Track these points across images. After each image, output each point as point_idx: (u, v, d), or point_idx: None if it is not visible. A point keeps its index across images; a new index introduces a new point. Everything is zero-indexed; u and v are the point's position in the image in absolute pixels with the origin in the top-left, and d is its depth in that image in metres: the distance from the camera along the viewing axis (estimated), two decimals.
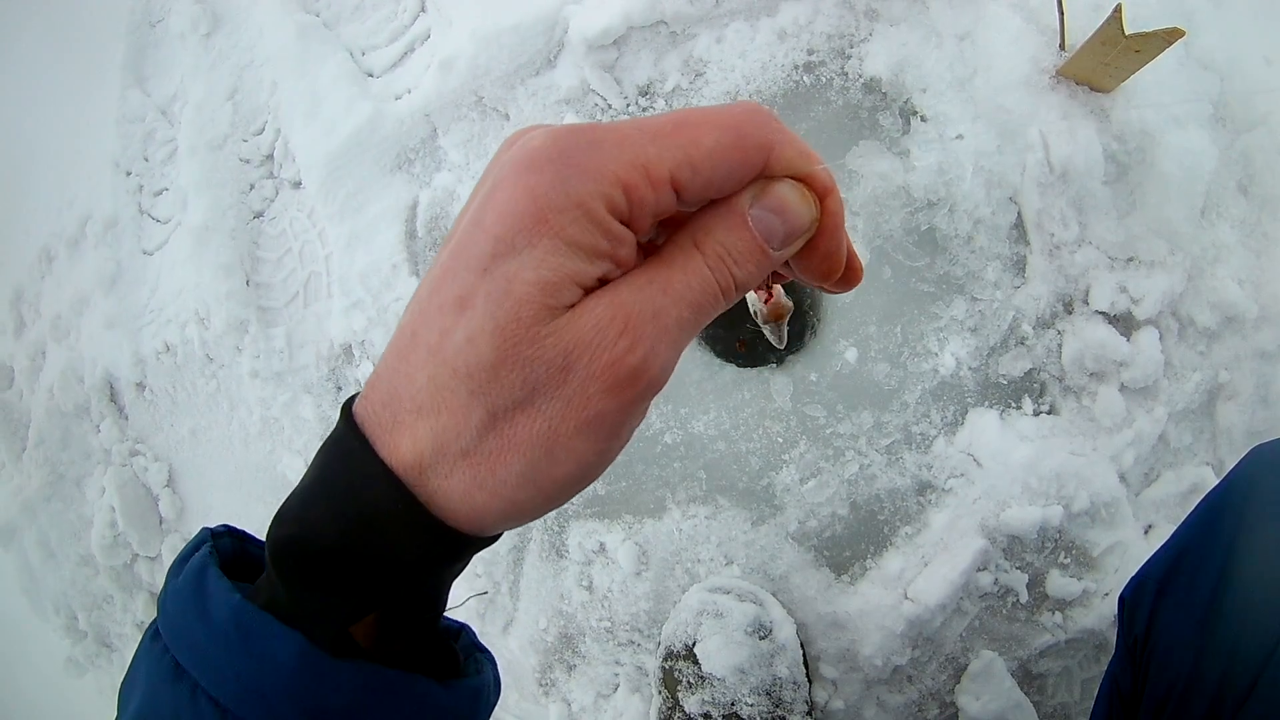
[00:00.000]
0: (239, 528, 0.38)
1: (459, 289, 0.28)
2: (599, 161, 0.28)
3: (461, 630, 0.42)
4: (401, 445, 0.29)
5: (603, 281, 0.29)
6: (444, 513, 0.30)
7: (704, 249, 0.30)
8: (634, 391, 0.28)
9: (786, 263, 0.33)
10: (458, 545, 0.31)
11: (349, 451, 0.30)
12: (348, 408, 0.32)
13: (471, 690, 0.36)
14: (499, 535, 0.33)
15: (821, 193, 0.32)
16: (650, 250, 0.31)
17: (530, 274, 0.27)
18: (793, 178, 0.31)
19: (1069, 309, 0.92)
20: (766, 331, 0.57)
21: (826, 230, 0.32)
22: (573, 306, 0.28)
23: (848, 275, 0.35)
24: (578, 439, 0.28)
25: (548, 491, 0.30)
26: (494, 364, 0.28)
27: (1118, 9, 0.72)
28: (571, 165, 0.27)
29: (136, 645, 0.35)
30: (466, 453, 0.29)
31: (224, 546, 0.37)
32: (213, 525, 0.38)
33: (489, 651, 0.42)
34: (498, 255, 0.28)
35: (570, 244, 0.27)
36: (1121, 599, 0.67)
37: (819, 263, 0.33)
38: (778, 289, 0.46)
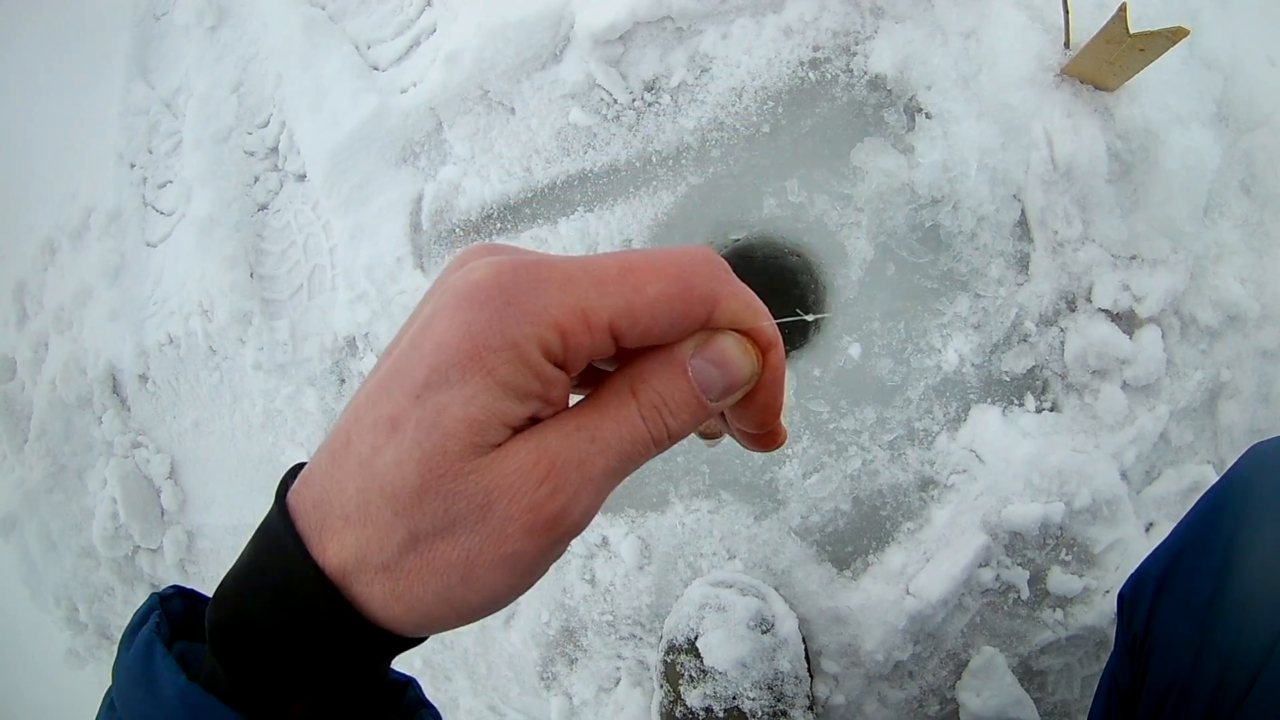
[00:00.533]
0: (188, 587, 0.38)
1: (392, 409, 0.29)
2: (539, 304, 0.28)
3: (408, 685, 0.42)
4: (329, 549, 0.30)
5: (533, 419, 0.30)
6: (367, 615, 0.30)
7: (640, 397, 0.30)
8: (552, 536, 0.29)
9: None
10: (382, 644, 0.31)
11: (283, 547, 0.31)
12: (283, 492, 0.32)
13: None
14: (422, 640, 0.34)
15: (765, 347, 0.32)
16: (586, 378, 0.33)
17: (459, 409, 0.28)
18: (738, 330, 0.31)
19: (1072, 306, 0.92)
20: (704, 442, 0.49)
21: (765, 385, 0.32)
22: (499, 445, 0.29)
23: (770, 435, 0.35)
24: (493, 572, 0.29)
25: (460, 612, 0.31)
26: (418, 490, 0.29)
27: (1122, 8, 0.73)
28: (511, 305, 0.28)
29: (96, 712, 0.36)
30: (387, 567, 0.30)
31: (174, 609, 0.37)
32: (162, 590, 0.39)
33: (433, 707, 0.43)
34: (430, 385, 0.28)
35: (501, 384, 0.28)
36: (1121, 596, 0.67)
37: (753, 414, 0.33)
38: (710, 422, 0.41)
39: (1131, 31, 0.74)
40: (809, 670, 0.91)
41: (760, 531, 0.95)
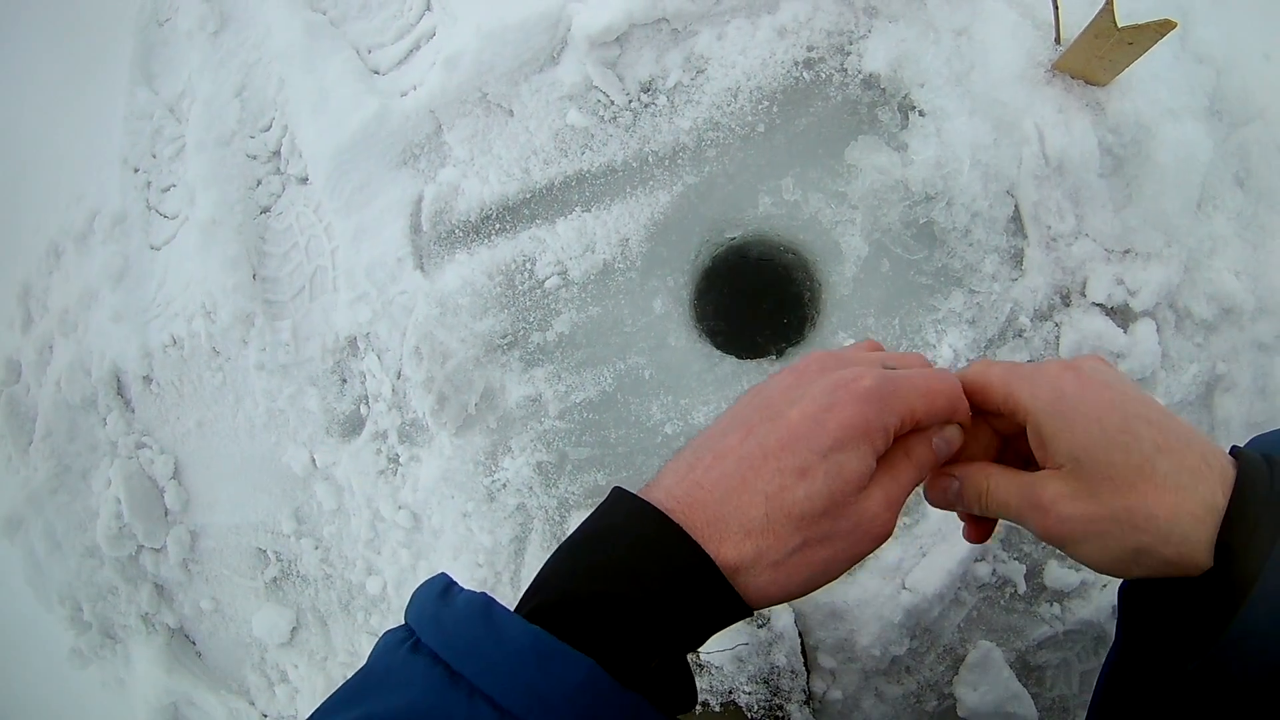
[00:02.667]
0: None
1: (800, 462, 0.45)
2: (901, 407, 0.47)
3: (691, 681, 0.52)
4: (724, 551, 0.44)
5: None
6: (743, 596, 0.44)
7: (911, 457, 0.50)
8: (881, 542, 0.48)
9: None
10: (738, 614, 0.45)
11: (684, 550, 0.44)
12: (659, 515, 0.45)
13: None
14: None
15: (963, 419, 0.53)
16: None
17: (855, 465, 0.45)
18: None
19: (1066, 301, 0.92)
20: None
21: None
22: (863, 488, 0.46)
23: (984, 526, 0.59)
24: (841, 565, 0.47)
25: (810, 588, 0.46)
26: (821, 514, 0.45)
27: (1109, 1, 0.73)
28: (885, 405, 0.47)
29: (372, 653, 0.43)
30: (777, 564, 0.44)
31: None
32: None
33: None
34: (834, 449, 0.45)
35: (874, 451, 0.46)
36: (1121, 590, 0.67)
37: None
38: None
39: (1120, 25, 0.75)
40: (805, 665, 0.91)
41: None
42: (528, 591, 0.45)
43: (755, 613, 0.48)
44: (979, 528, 0.57)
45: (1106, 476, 0.46)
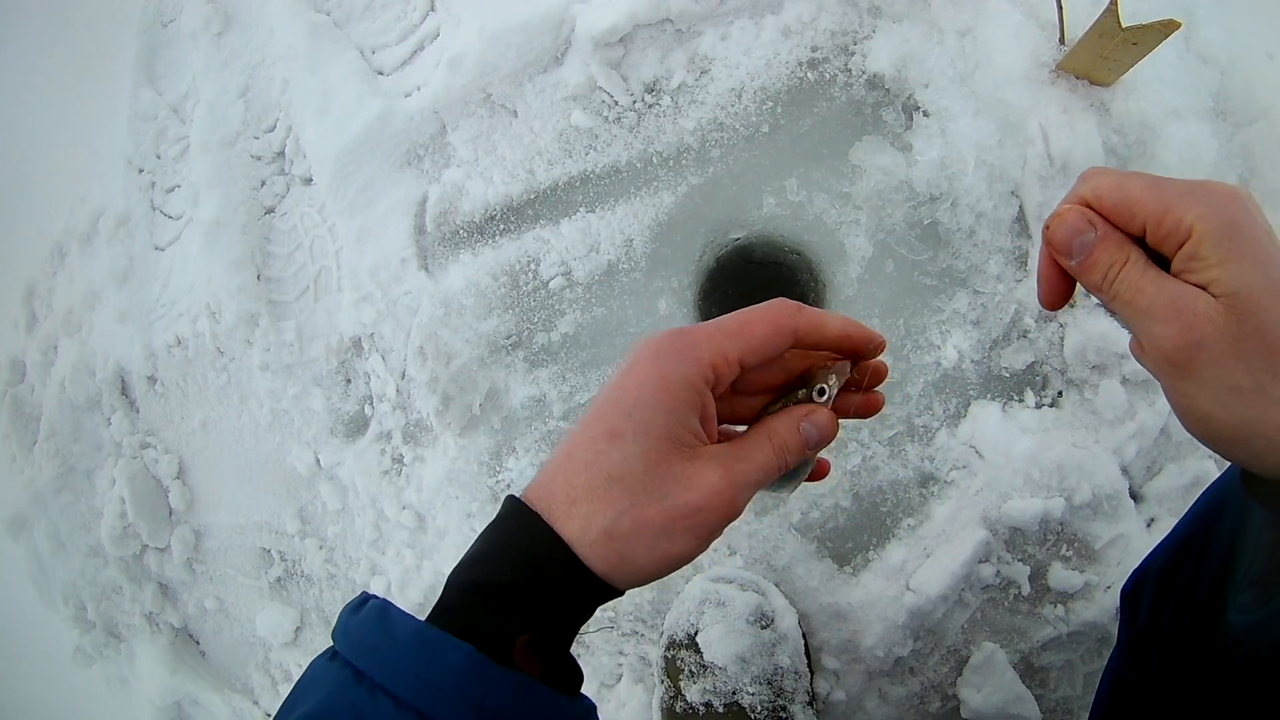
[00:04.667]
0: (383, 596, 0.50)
1: (608, 427, 0.45)
2: (698, 354, 0.46)
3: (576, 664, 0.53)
4: (563, 525, 0.44)
5: (703, 423, 0.47)
6: (590, 569, 0.44)
7: (773, 440, 0.48)
8: (725, 522, 0.46)
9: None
10: (597, 592, 0.45)
11: (529, 524, 0.45)
12: (513, 499, 0.46)
13: (585, 708, 0.48)
14: (623, 591, 0.47)
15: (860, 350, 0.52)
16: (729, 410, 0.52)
17: (661, 421, 0.45)
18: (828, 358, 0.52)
19: (1071, 302, 0.92)
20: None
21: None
22: (691, 450, 0.46)
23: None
24: (685, 533, 0.45)
25: (659, 561, 0.45)
26: (643, 473, 0.44)
27: (1113, 1, 0.73)
28: (683, 356, 0.46)
29: (302, 673, 0.46)
30: (608, 531, 0.44)
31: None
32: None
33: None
34: (637, 407, 0.45)
35: (680, 401, 0.45)
36: (1123, 592, 0.67)
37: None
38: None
39: (1124, 25, 0.75)
40: (809, 666, 0.91)
41: (760, 528, 0.95)
42: None
43: (624, 593, 0.47)
44: (1059, 289, 0.48)
45: (1264, 327, 0.40)
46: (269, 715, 1.23)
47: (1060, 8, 0.86)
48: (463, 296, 1.02)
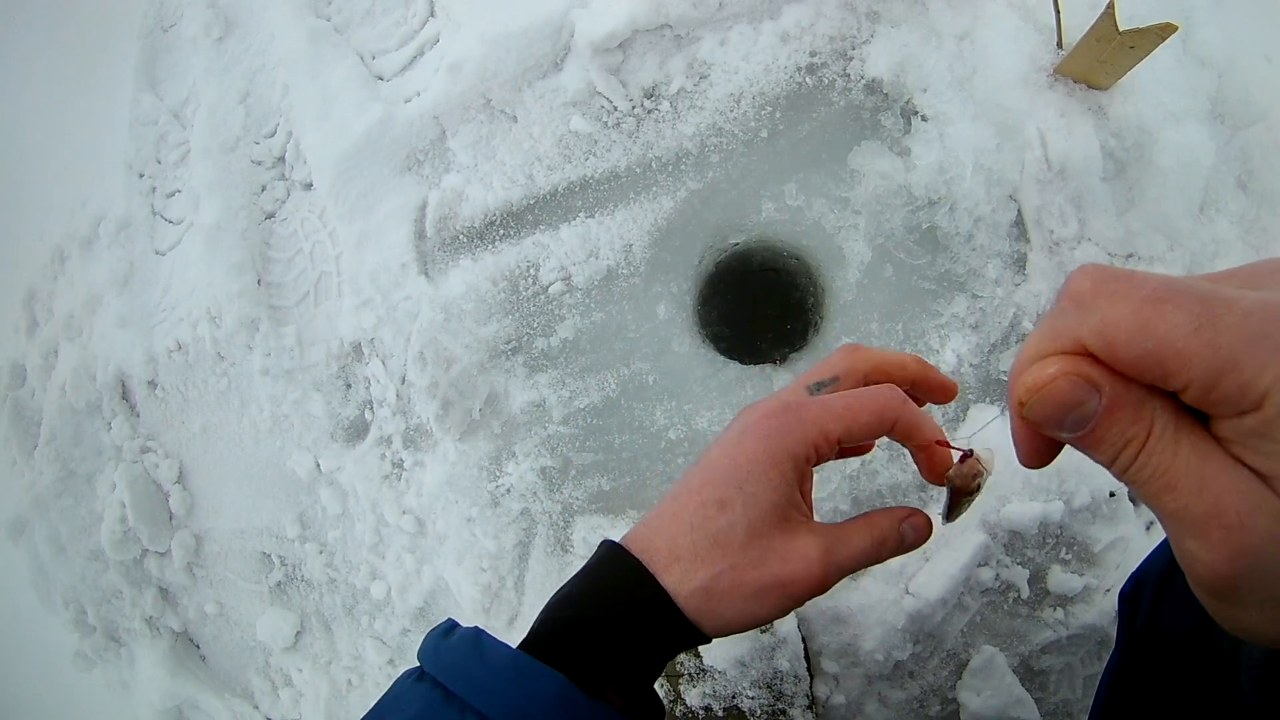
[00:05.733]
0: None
1: (718, 495, 0.48)
2: (804, 431, 0.49)
3: (659, 700, 0.55)
4: (668, 576, 0.48)
5: (803, 498, 0.51)
6: (698, 619, 0.47)
7: (873, 532, 0.50)
8: (812, 595, 0.49)
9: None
10: (686, 637, 0.48)
11: (630, 569, 0.48)
12: (613, 544, 0.50)
13: None
14: (709, 639, 0.50)
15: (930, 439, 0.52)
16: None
17: (768, 495, 0.48)
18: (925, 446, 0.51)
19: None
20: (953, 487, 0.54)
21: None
22: (790, 522, 0.49)
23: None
24: (772, 597, 0.48)
25: (746, 619, 0.48)
26: (744, 542, 0.48)
27: (1110, 4, 0.74)
28: (789, 431, 0.49)
29: (384, 692, 0.48)
30: (709, 590, 0.47)
31: None
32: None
33: None
34: (748, 480, 0.48)
35: (786, 478, 0.48)
36: (1122, 595, 0.67)
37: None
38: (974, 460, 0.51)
39: (1121, 29, 0.75)
40: (808, 670, 0.91)
41: None
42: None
43: (709, 641, 0.50)
44: (1042, 452, 0.36)
45: None
46: (269, 719, 1.23)
47: (1058, 11, 0.86)
48: (463, 301, 1.02)
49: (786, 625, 0.89)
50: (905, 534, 0.51)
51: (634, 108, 1.02)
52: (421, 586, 1.07)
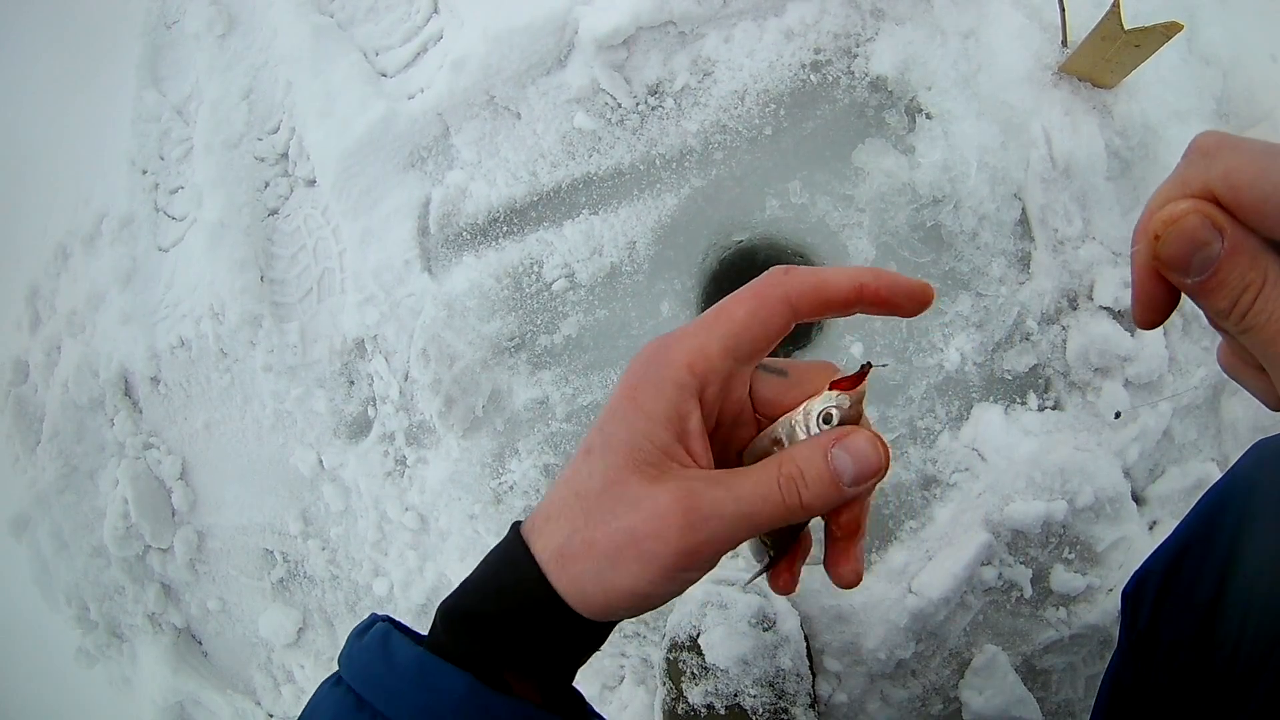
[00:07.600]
0: (394, 617, 0.48)
1: (586, 444, 0.42)
2: (669, 356, 0.40)
3: (579, 694, 0.51)
4: (537, 543, 0.41)
5: (680, 438, 0.40)
6: (565, 596, 0.40)
7: (782, 467, 0.39)
8: (678, 554, 0.38)
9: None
10: (571, 624, 0.41)
11: (514, 550, 0.42)
12: (517, 524, 0.44)
13: None
14: (606, 629, 0.44)
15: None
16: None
17: (623, 434, 0.40)
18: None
19: (1073, 304, 0.92)
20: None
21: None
22: (656, 469, 0.39)
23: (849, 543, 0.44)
24: (633, 564, 0.38)
25: (609, 594, 0.39)
26: (599, 491, 0.40)
27: (1115, 3, 0.73)
28: (652, 361, 0.41)
29: (311, 696, 0.45)
30: (561, 550, 0.40)
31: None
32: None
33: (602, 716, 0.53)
34: (607, 421, 0.41)
35: (646, 414, 0.40)
36: (1124, 594, 0.67)
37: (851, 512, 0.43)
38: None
39: (1126, 27, 0.75)
40: (811, 668, 0.91)
41: None
42: None
43: (607, 632, 0.44)
44: (1162, 304, 0.36)
45: None
46: (271, 716, 1.23)
47: (1063, 10, 0.86)
48: (466, 298, 1.02)
49: (789, 623, 0.89)
50: (839, 463, 0.38)
51: (638, 104, 1.01)
52: (424, 583, 1.07)
